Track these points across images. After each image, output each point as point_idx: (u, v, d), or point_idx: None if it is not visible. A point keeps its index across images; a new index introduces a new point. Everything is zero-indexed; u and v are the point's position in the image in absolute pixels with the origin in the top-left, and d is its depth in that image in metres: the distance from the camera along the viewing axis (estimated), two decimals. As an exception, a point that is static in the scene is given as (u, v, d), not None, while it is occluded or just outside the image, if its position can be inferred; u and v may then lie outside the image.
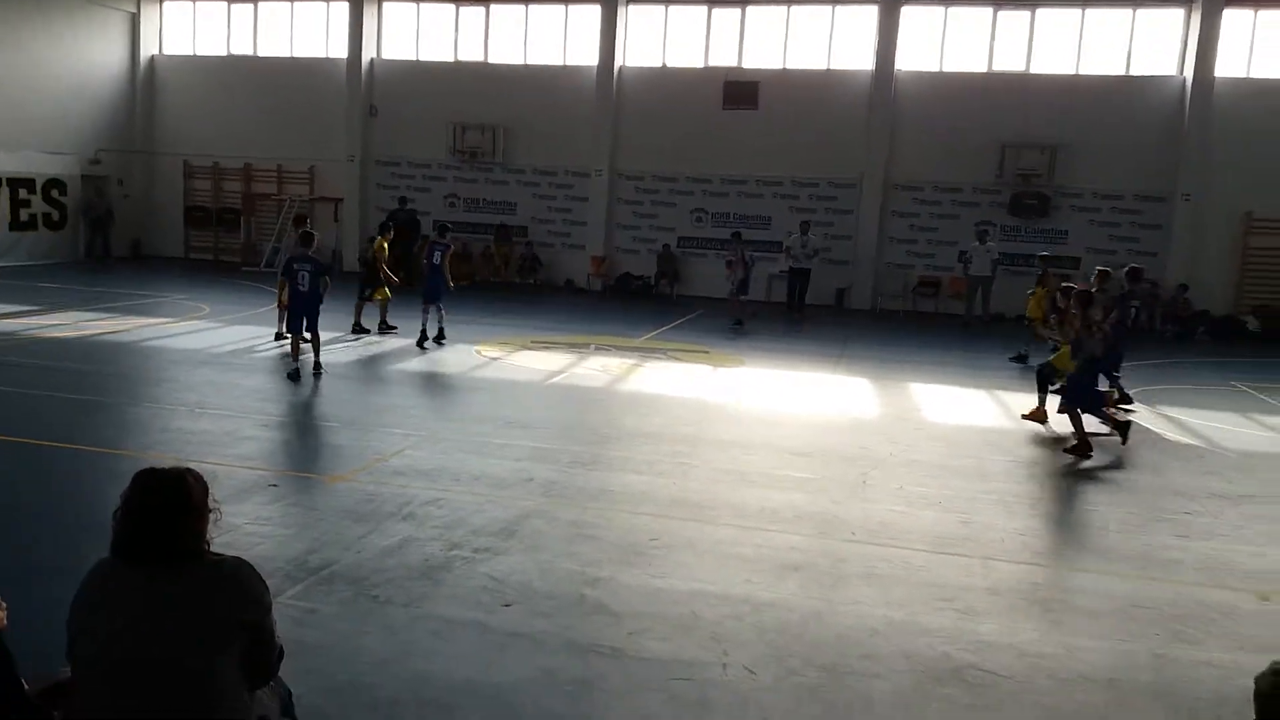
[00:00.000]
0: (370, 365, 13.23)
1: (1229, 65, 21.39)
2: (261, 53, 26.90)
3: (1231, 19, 21.21)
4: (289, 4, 26.60)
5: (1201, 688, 5.17)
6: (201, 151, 27.16)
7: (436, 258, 15.23)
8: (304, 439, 9.10)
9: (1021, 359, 15.56)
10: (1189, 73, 21.40)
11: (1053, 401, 11.06)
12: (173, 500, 3.01)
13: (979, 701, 4.92)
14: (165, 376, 11.86)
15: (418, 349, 14.51)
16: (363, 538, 6.58)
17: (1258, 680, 2.45)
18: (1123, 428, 10.54)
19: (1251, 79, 21.40)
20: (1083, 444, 10.02)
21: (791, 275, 21.13)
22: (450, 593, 5.80)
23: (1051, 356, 11.80)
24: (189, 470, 3.14)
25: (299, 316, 12.15)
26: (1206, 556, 7.17)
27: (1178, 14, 21.69)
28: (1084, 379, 10.40)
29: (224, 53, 27.24)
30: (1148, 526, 7.96)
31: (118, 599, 2.94)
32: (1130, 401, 12.69)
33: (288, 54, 26.66)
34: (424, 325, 14.95)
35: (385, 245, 15.89)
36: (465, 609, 5.60)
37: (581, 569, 6.27)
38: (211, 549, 3.10)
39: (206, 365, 12.50)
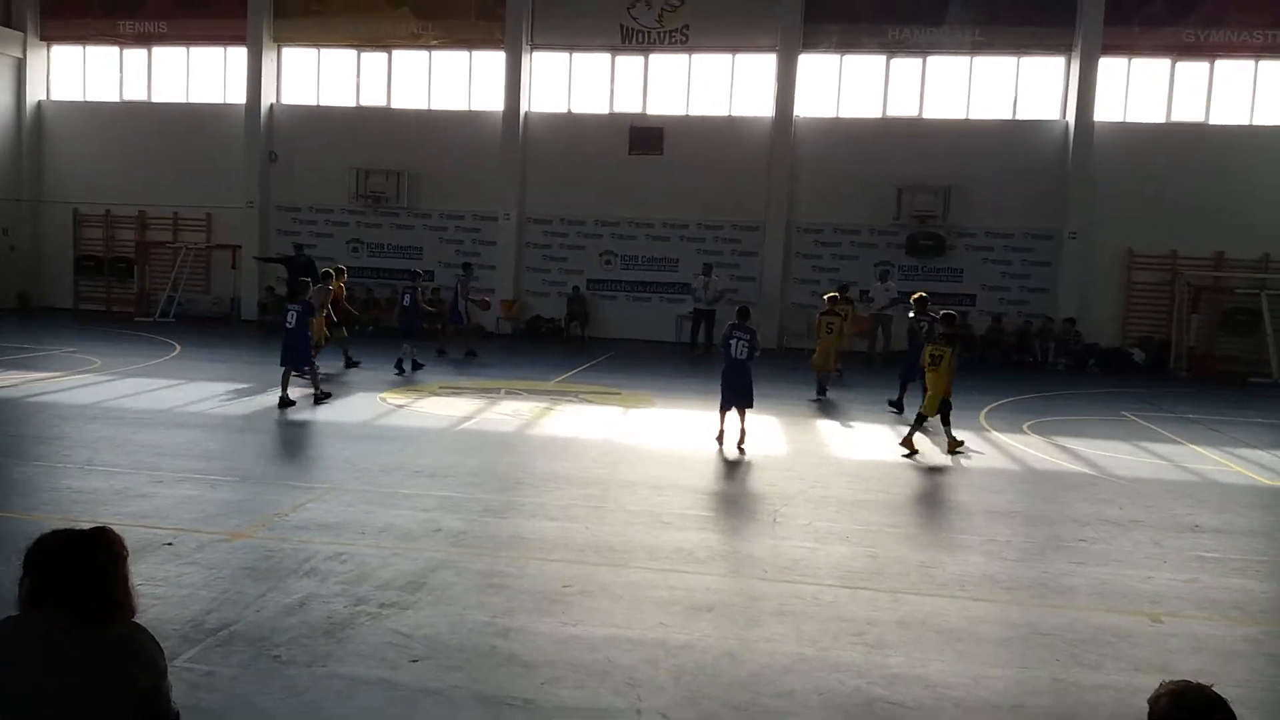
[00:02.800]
0: (270, 416, 12.88)
1: (1107, 110, 22.56)
2: (156, 99, 26.29)
3: (1108, 67, 22.39)
4: (184, 49, 26.10)
5: (1100, 710, 5.32)
6: (93, 199, 26.32)
7: (406, 300, 16.98)
8: (201, 494, 8.79)
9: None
10: (1071, 117, 22.48)
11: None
12: (89, 561, 2.87)
13: (890, 735, 4.97)
14: (53, 433, 11.35)
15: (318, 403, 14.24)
16: (262, 596, 6.37)
17: (1152, 702, 2.52)
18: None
19: (1128, 123, 22.59)
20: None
21: (696, 316, 21.52)
22: (355, 650, 5.64)
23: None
24: (103, 528, 3.00)
25: (284, 350, 13.51)
26: (1101, 582, 7.41)
27: (1059, 62, 22.81)
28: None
29: (116, 99, 26.54)
30: (1045, 554, 8.20)
31: (18, 662, 2.80)
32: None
33: (184, 100, 26.11)
34: (400, 360, 16.33)
35: (342, 287, 17.60)
36: (371, 666, 5.44)
37: (492, 619, 6.17)
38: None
39: (98, 420, 12.01)
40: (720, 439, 12.09)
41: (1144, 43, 22.27)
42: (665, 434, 12.81)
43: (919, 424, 12.19)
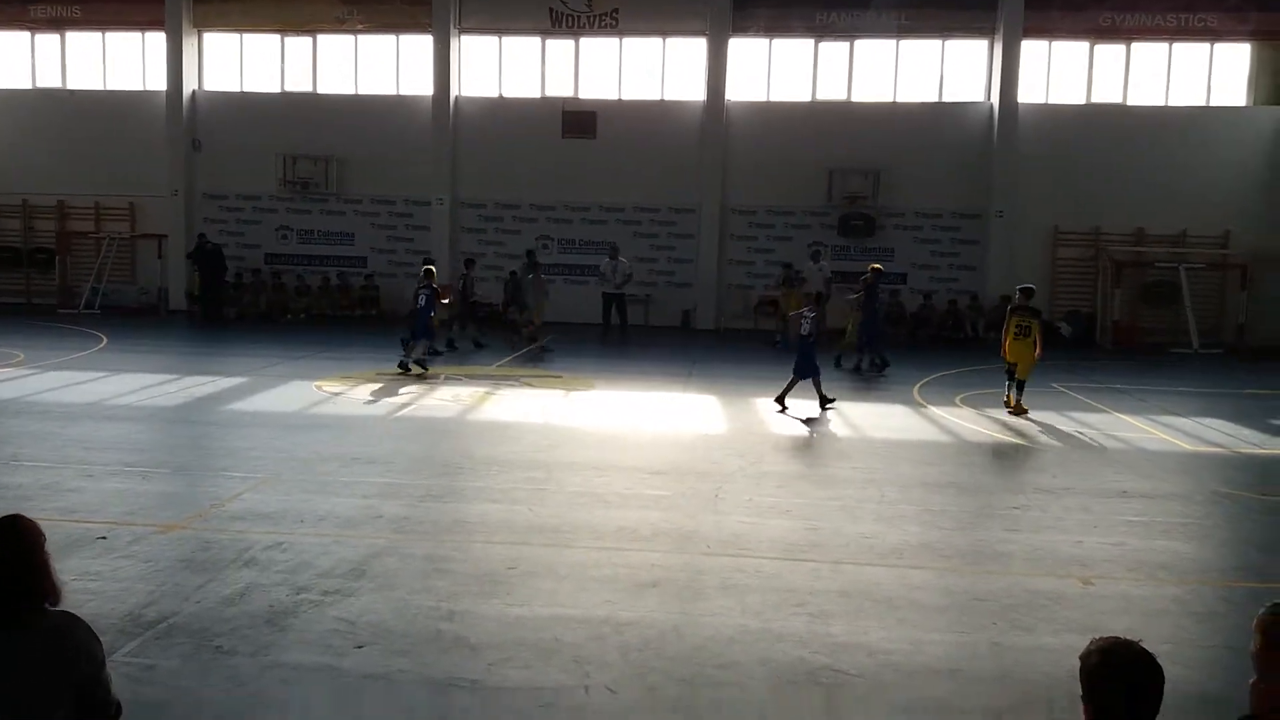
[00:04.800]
0: (204, 406, 12.61)
1: (1030, 92, 23.05)
2: (72, 85, 25.42)
3: (1030, 49, 22.86)
4: (100, 34, 25.25)
5: (1036, 671, 5.49)
6: (8, 190, 25.34)
7: (421, 300, 16.22)
8: (134, 488, 8.57)
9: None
10: (995, 99, 22.92)
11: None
12: (3, 552, 2.80)
13: (833, 701, 5.08)
14: (-27, 430, 10.97)
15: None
16: (202, 587, 6.26)
17: (1083, 659, 2.62)
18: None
19: (1050, 104, 23.12)
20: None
21: (605, 299, 21.40)
22: (299, 638, 5.58)
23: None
24: (16, 515, 2.93)
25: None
26: (1034, 548, 7.63)
27: (982, 45, 23.22)
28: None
29: (29, 85, 25.60)
30: (980, 523, 8.42)
31: None
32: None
33: (101, 87, 25.29)
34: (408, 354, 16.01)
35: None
36: (315, 654, 5.39)
37: (437, 603, 6.14)
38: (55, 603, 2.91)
39: (22, 415, 11.64)
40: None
41: (1064, 26, 22.77)
42: (607, 416, 12.82)
43: (1021, 389, 13.32)
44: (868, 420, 12.84)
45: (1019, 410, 13.20)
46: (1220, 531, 8.57)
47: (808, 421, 12.62)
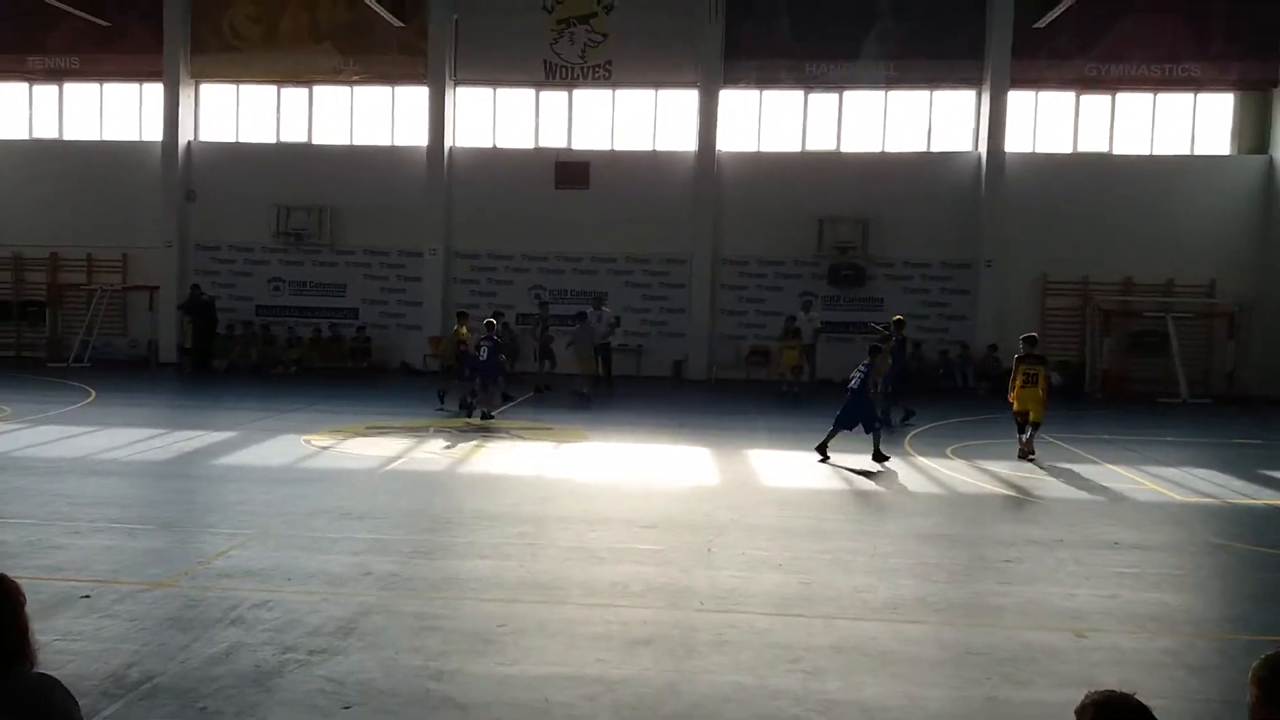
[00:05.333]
0: (192, 461, 12.54)
1: (1017, 141, 23.37)
2: (68, 136, 25.61)
3: (1016, 99, 23.21)
4: (97, 85, 25.50)
5: (1032, 728, 5.43)
6: (0, 242, 25.41)
7: (484, 353, 16.88)
8: (120, 544, 8.49)
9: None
10: (983, 148, 23.22)
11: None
12: None
13: (828, 762, 5.00)
14: (-41, 485, 10.88)
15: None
16: (187, 647, 6.18)
17: (1078, 713, 2.60)
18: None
19: (1037, 154, 23.43)
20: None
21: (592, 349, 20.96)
22: (285, 699, 5.50)
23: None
24: (1, 575, 2.91)
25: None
26: (1027, 600, 7.58)
27: (969, 95, 23.57)
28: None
29: (26, 136, 25.78)
30: (973, 575, 8.37)
31: None
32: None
33: (97, 138, 25.47)
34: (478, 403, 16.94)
35: (465, 330, 17.88)
36: (302, 714, 5.31)
37: (426, 662, 6.07)
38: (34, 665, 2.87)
39: (7, 470, 11.55)
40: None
41: (1050, 76, 23.15)
42: (598, 468, 12.78)
43: (1035, 431, 13.76)
44: (858, 472, 12.81)
45: (1029, 452, 13.66)
46: (1213, 583, 8.55)
47: (862, 474, 12.59)
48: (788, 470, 12.83)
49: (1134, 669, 6.23)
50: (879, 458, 13.15)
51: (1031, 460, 13.48)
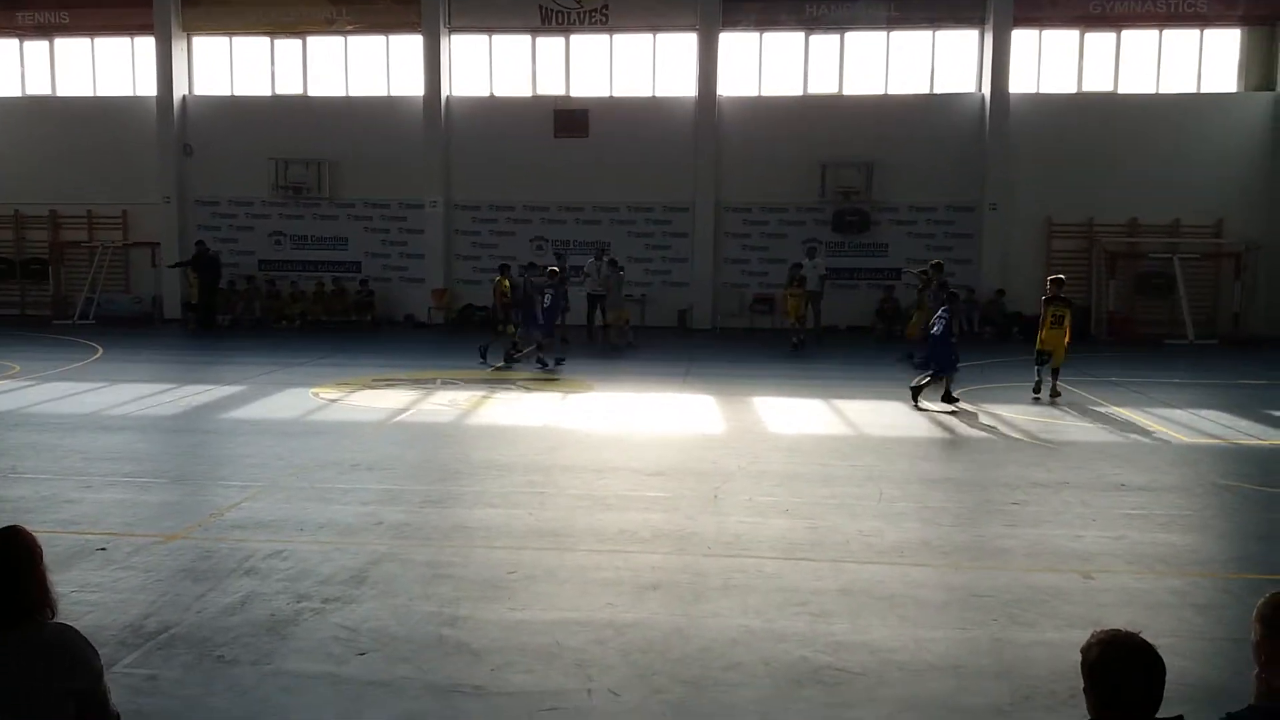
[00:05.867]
0: (201, 415, 12.59)
1: (1021, 81, 23.06)
2: (61, 92, 25.36)
3: (1020, 38, 22.88)
4: (89, 40, 25.19)
5: (1038, 666, 5.49)
6: (0, 200, 25.31)
7: (547, 299, 17.08)
8: (133, 498, 8.56)
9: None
10: (986, 89, 22.93)
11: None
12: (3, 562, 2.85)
13: (836, 700, 5.08)
14: (-30, 442, 10.95)
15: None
16: (202, 597, 6.25)
17: (1084, 651, 2.63)
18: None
19: (1041, 94, 23.14)
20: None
21: (590, 300, 20.95)
22: (300, 646, 5.58)
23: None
24: (15, 527, 2.97)
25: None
26: (1033, 543, 7.64)
27: (972, 35, 23.23)
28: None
29: (19, 93, 25.53)
30: (980, 518, 8.43)
31: None
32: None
33: (91, 93, 25.23)
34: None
35: (506, 284, 17.62)
36: (317, 662, 5.39)
37: (439, 609, 6.14)
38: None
39: (20, 427, 11.61)
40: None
41: (1053, 14, 22.79)
42: (605, 418, 12.82)
43: (1056, 375, 14.07)
44: (865, 418, 12.85)
45: (1056, 393, 13.97)
46: (1219, 523, 8.59)
47: (938, 414, 12.99)
48: (794, 417, 12.86)
49: (1141, 609, 6.29)
50: (948, 399, 13.37)
51: (1057, 401, 13.78)
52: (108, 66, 25.28)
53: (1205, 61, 22.96)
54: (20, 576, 2.86)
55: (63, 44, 25.30)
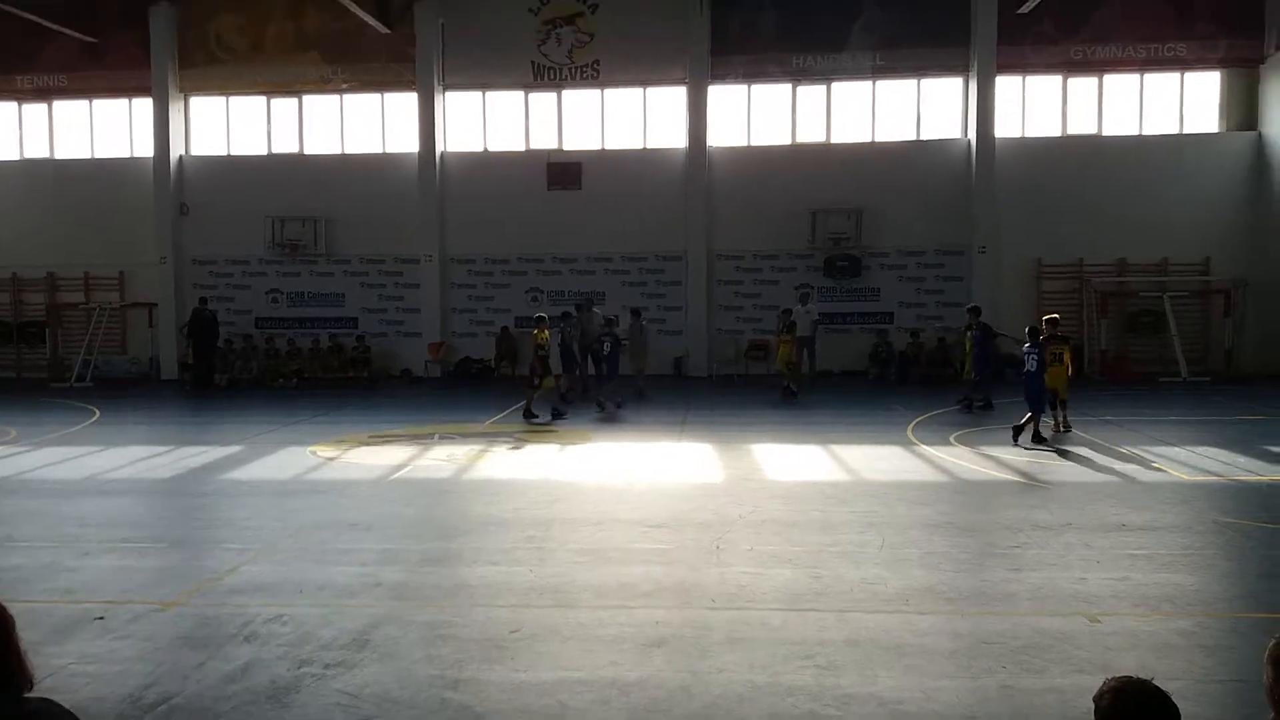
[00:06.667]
0: (199, 477, 12.54)
1: (1006, 127, 23.40)
2: (59, 155, 25.60)
3: (1004, 85, 23.23)
4: (87, 103, 25.47)
5: (1049, 714, 5.44)
6: (-3, 263, 25.42)
7: (606, 348, 18.10)
8: (131, 564, 8.49)
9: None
10: (972, 135, 23.24)
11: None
12: None
13: (847, 756, 5.02)
14: (-35, 510, 10.88)
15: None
16: (202, 665, 6.19)
17: (1096, 700, 2.61)
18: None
19: (1026, 138, 23.46)
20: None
21: (581, 350, 20.84)
22: (302, 714, 5.51)
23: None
24: None
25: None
26: (1038, 587, 7.60)
27: (957, 82, 23.59)
28: None
29: (17, 157, 25.75)
30: (983, 563, 8.39)
31: None
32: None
33: (89, 155, 25.46)
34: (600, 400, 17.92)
35: (545, 335, 17.36)
36: (321, 729, 5.32)
37: (441, 671, 6.08)
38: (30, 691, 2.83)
39: (16, 494, 11.56)
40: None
41: (1036, 60, 23.18)
42: (603, 469, 12.79)
43: (1064, 408, 14.73)
44: (862, 462, 12.84)
45: (1067, 427, 14.63)
46: (1223, 562, 8.56)
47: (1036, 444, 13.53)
48: (792, 464, 12.85)
49: (1148, 651, 6.25)
50: (1038, 439, 13.71)
51: (1067, 431, 14.53)
52: (105, 128, 25.57)
53: (1187, 103, 23.32)
54: None
55: (61, 107, 25.58)
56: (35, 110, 25.68)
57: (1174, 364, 21.66)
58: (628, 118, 24.37)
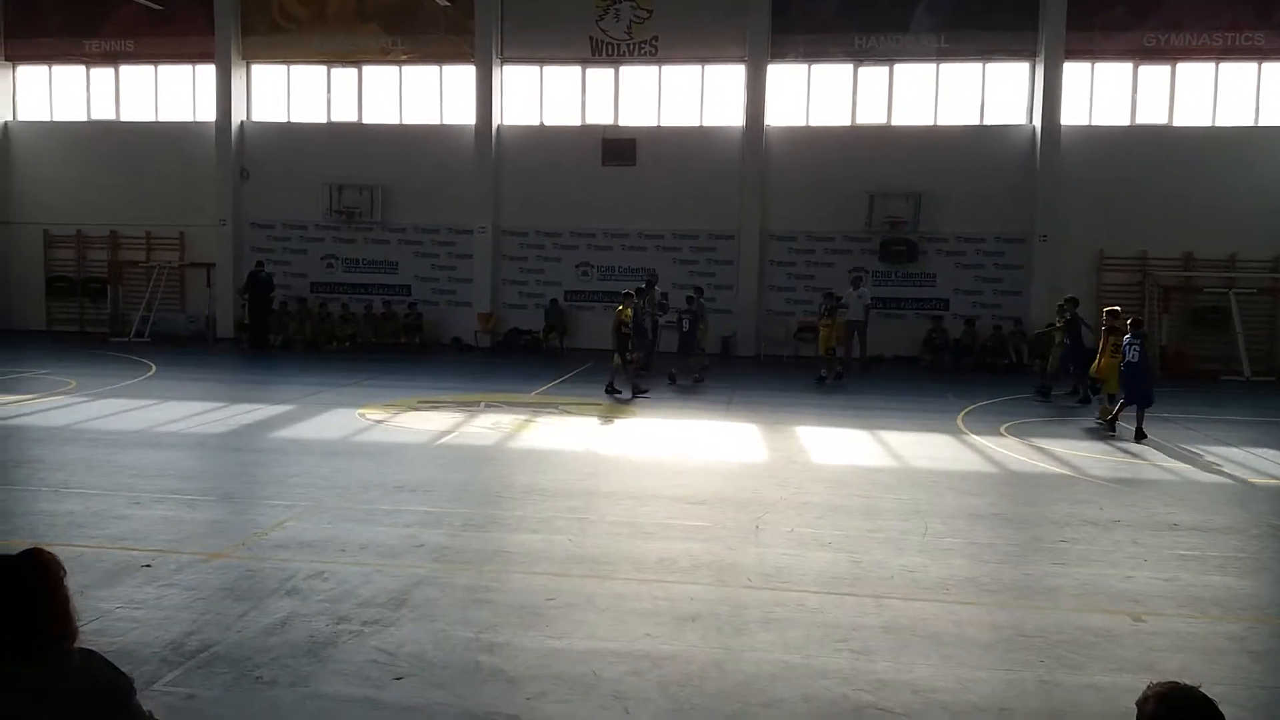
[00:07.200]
0: (250, 434, 12.77)
1: (1073, 114, 22.82)
2: (125, 118, 26.09)
3: (1072, 71, 22.66)
4: (152, 68, 25.92)
5: (1087, 711, 5.34)
6: (63, 220, 26.05)
7: (686, 325, 17.96)
8: (179, 515, 8.68)
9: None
10: (1038, 122, 22.72)
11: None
12: (16, 587, 2.76)
13: (878, 741, 4.97)
14: (27, 456, 11.20)
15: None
16: (243, 616, 6.30)
17: (1139, 704, 2.52)
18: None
19: (1093, 126, 22.87)
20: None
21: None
22: (338, 669, 5.59)
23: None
24: (36, 550, 2.88)
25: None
26: (1083, 583, 7.45)
27: (1024, 67, 23.05)
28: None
29: (84, 118, 26.31)
30: (1027, 556, 8.25)
31: None
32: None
33: (153, 118, 25.93)
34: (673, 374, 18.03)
35: (629, 313, 16.85)
36: (355, 685, 5.39)
37: (476, 635, 6.13)
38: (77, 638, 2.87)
39: (73, 442, 11.86)
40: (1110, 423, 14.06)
41: (1106, 47, 22.56)
42: (646, 444, 12.79)
43: (1112, 401, 14.35)
44: (911, 450, 12.68)
45: (1114, 418, 14.14)
46: (1277, 566, 8.33)
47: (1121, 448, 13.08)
48: (838, 448, 12.74)
49: (1194, 654, 6.10)
50: (1140, 436, 13.32)
51: (1102, 425, 14.23)
52: (169, 93, 26.00)
53: (1263, 95, 22.55)
54: (34, 610, 2.70)
55: (127, 71, 26.05)
56: (102, 74, 26.18)
57: (1237, 362, 21.09)
58: (684, 95, 24.18)
